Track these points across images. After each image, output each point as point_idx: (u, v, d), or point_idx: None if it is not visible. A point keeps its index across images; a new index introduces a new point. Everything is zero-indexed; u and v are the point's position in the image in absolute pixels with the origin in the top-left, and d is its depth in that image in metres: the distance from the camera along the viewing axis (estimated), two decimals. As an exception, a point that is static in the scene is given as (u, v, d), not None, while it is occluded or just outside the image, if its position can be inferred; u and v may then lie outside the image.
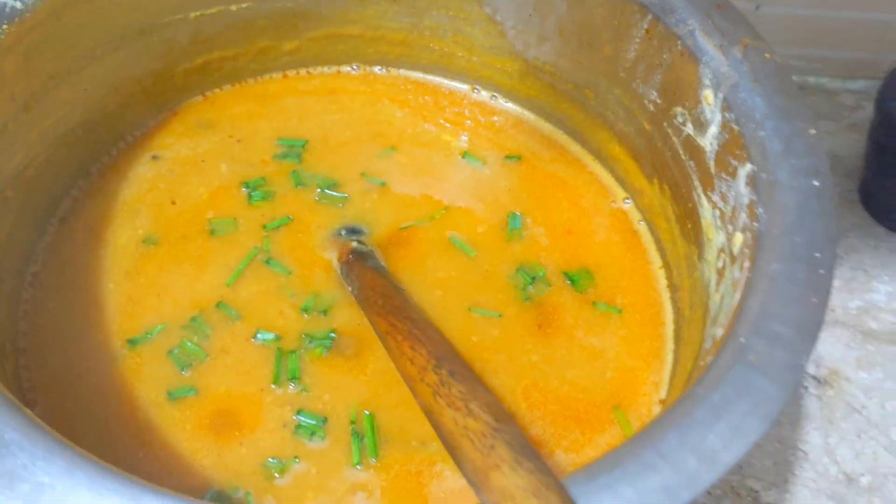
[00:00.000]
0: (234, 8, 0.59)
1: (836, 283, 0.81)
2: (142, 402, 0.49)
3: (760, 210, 0.43)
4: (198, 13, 0.57)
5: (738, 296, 0.41)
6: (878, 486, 0.70)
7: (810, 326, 0.38)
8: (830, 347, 0.78)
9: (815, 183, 0.43)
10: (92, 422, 0.47)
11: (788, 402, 0.35)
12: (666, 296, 0.56)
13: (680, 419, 0.35)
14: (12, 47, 0.47)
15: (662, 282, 0.56)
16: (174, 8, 0.56)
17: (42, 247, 0.54)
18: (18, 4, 0.47)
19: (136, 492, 0.32)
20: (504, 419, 0.33)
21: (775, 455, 0.71)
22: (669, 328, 0.54)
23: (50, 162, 0.53)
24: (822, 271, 0.40)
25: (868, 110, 0.81)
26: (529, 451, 0.31)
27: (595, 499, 0.32)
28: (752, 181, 0.45)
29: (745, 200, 0.45)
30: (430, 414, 0.37)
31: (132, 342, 0.51)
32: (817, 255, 0.41)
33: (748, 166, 0.45)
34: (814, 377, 0.76)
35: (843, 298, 0.81)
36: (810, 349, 0.38)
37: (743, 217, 0.45)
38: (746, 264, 0.42)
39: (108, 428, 0.47)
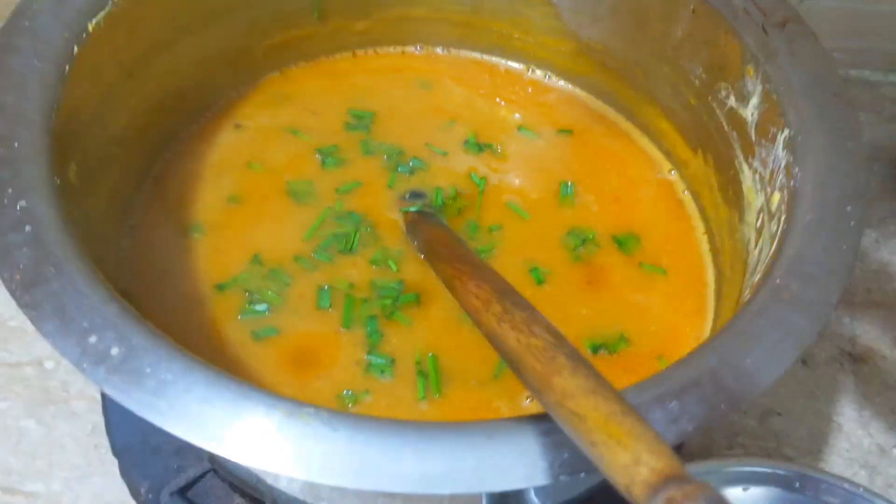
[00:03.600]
0: (311, -10, 0.64)
1: (874, 266, 0.84)
2: (229, 340, 0.54)
3: (796, 170, 0.47)
4: (280, -6, 0.63)
5: (774, 246, 0.45)
6: (910, 456, 0.73)
7: (840, 269, 0.42)
8: (868, 326, 0.81)
9: (848, 143, 0.47)
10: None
11: (817, 335, 0.39)
12: (708, 259, 0.60)
13: (720, 345, 0.40)
14: (121, 17, 0.53)
15: (705, 246, 0.60)
16: (259, -11, 0.62)
17: (139, 202, 0.59)
18: (128, -19, 0.53)
19: (245, 389, 0.37)
20: (562, 337, 0.38)
21: (810, 426, 0.74)
22: (711, 288, 0.58)
23: (147, 125, 0.59)
24: (852, 223, 0.44)
25: (911, 102, 0.84)
26: (586, 362, 0.36)
27: (644, 409, 0.37)
28: (790, 144, 0.49)
29: (783, 163, 0.49)
30: (494, 338, 0.41)
31: (220, 287, 0.56)
32: (848, 208, 0.45)
33: (786, 131, 0.49)
34: (850, 354, 0.80)
35: (882, 281, 0.84)
36: (840, 289, 0.42)
37: (780, 178, 0.49)
38: (783, 217, 0.46)
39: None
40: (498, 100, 0.68)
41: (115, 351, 0.37)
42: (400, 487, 0.35)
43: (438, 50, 0.70)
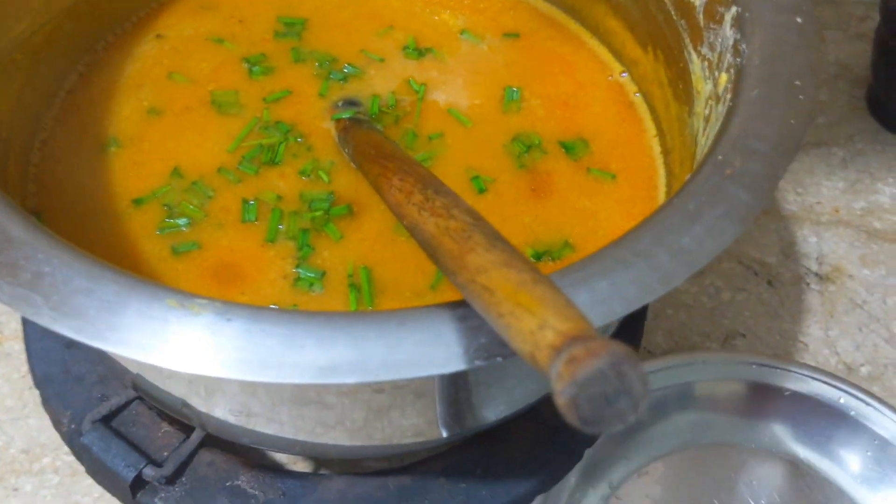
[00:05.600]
0: None
1: (840, 184, 0.82)
2: (147, 256, 0.50)
3: (744, 46, 0.44)
4: None
5: (719, 126, 0.42)
6: (878, 375, 0.71)
7: (788, 144, 0.39)
8: (834, 246, 0.79)
9: (798, 19, 0.44)
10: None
11: (761, 209, 0.36)
12: (660, 161, 0.56)
13: (655, 224, 0.37)
14: None
15: (657, 148, 0.57)
16: None
17: (50, 116, 0.55)
18: None
19: (131, 280, 0.34)
20: (480, 218, 0.35)
21: (776, 346, 0.72)
22: (661, 190, 0.55)
23: (57, 32, 0.55)
24: (801, 97, 0.41)
25: (876, 20, 0.81)
26: (502, 238, 0.33)
27: (569, 291, 0.34)
28: (737, 22, 0.45)
29: (731, 42, 0.46)
30: (414, 228, 0.38)
31: (137, 202, 0.52)
32: (797, 82, 0.41)
33: (733, 9, 0.46)
34: (816, 274, 0.77)
35: (848, 199, 0.81)
36: (787, 163, 0.38)
37: (728, 58, 0.46)
38: (729, 97, 0.43)
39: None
40: (439, 2, 0.64)
41: (26, 268, 0.33)
42: (302, 378, 0.31)
43: (375, -51, 0.66)
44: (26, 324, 0.57)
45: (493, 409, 0.45)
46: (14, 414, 0.63)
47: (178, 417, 0.52)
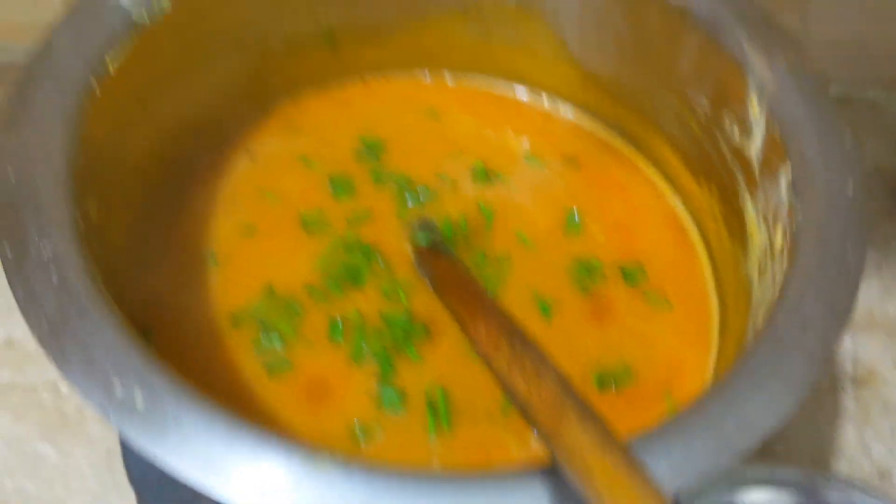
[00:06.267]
0: (323, 20, 0.65)
1: (875, 289, 0.85)
2: (244, 375, 0.55)
3: (798, 211, 0.48)
4: (293, 24, 0.64)
5: (776, 290, 0.47)
6: (912, 480, 0.74)
7: (840, 314, 0.43)
8: (868, 349, 0.82)
9: (850, 184, 0.48)
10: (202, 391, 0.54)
11: (817, 381, 0.41)
12: (712, 290, 0.61)
13: (721, 394, 0.41)
14: (138, 52, 0.54)
15: (709, 277, 0.61)
16: (273, 19, 0.63)
17: (154, 233, 0.60)
18: (145, 15, 0.54)
19: (266, 436, 0.38)
20: (569, 387, 0.39)
21: (811, 450, 0.75)
22: (715, 320, 0.59)
23: (163, 155, 0.60)
24: (852, 265, 0.45)
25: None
26: (594, 413, 0.37)
27: (649, 458, 0.38)
28: (792, 184, 0.50)
29: (785, 201, 0.50)
30: (503, 382, 0.42)
31: (234, 319, 0.57)
32: (849, 250, 0.46)
33: (789, 172, 0.51)
34: (851, 377, 0.80)
35: (883, 303, 0.85)
36: (840, 333, 0.43)
37: (783, 217, 0.50)
38: (784, 259, 0.47)
39: (216, 396, 0.54)
40: (505, 129, 0.69)
41: (139, 398, 0.38)
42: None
43: (447, 78, 0.72)
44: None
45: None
46: (97, 497, 0.67)
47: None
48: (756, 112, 0.55)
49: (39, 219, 0.44)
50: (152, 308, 0.57)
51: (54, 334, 0.40)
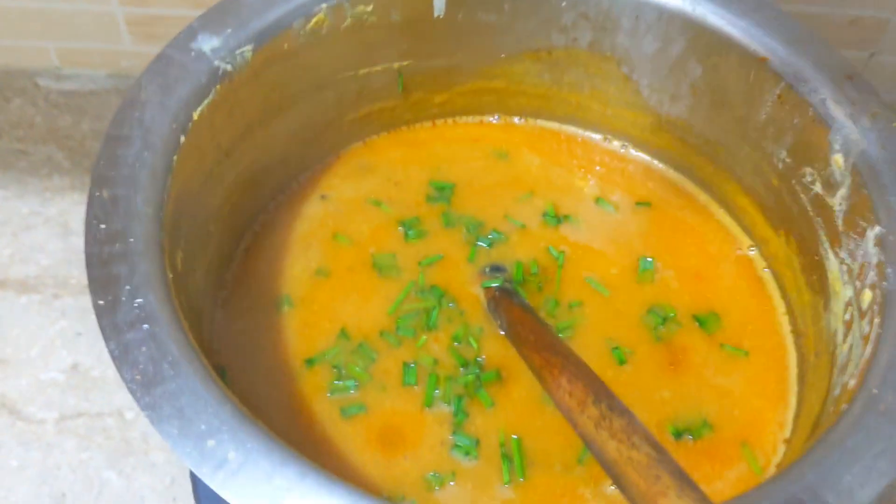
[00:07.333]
0: (396, 66, 0.66)
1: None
2: (318, 417, 0.55)
3: (889, 270, 0.47)
4: (366, 70, 0.65)
5: (868, 349, 0.46)
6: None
7: (937, 380, 0.42)
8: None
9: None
10: (277, 434, 0.54)
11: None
12: (790, 340, 0.60)
13: (818, 461, 0.40)
14: (221, 103, 0.55)
15: (787, 327, 0.60)
16: (347, 66, 0.63)
17: (231, 274, 0.61)
18: (229, 67, 0.55)
19: (356, 496, 0.38)
20: (664, 451, 0.39)
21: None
22: (793, 372, 0.58)
23: (240, 200, 0.61)
24: (947, 329, 0.44)
25: None
26: (690, 482, 0.36)
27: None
28: (881, 242, 0.49)
29: (874, 260, 0.49)
30: (591, 444, 0.42)
31: (309, 362, 0.58)
32: (944, 315, 0.45)
33: (877, 228, 0.50)
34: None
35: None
36: (938, 401, 0.42)
37: (872, 275, 0.49)
38: (876, 320, 0.46)
39: (290, 439, 0.54)
40: (575, 170, 0.69)
41: (231, 455, 0.39)
42: None
43: (516, 120, 0.72)
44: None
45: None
46: (161, 523, 0.68)
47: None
48: (840, 168, 0.54)
49: (132, 275, 0.45)
50: (228, 348, 0.58)
51: (146, 388, 0.41)
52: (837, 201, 0.54)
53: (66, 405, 0.72)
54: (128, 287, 0.44)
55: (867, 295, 0.49)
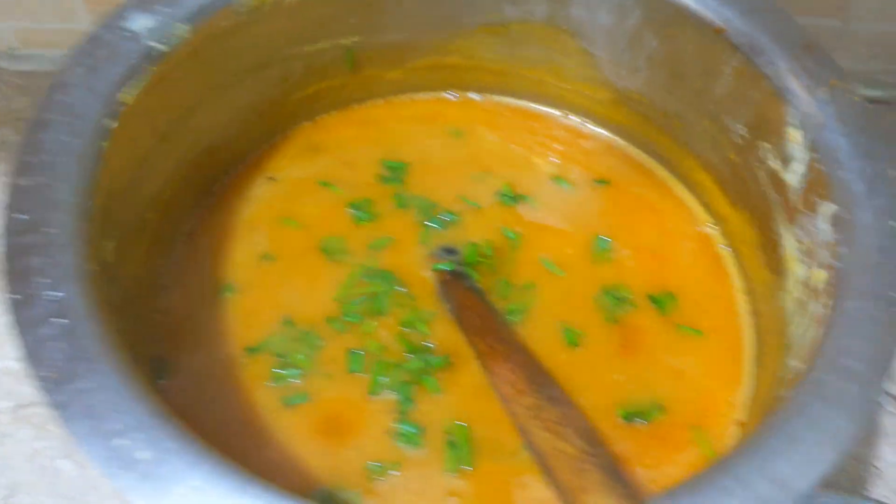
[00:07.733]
0: (344, 42, 0.63)
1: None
2: (260, 407, 0.54)
3: (842, 249, 0.46)
4: (313, 47, 0.62)
5: (817, 331, 0.44)
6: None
7: (883, 363, 0.41)
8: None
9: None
10: (215, 424, 0.53)
11: (858, 434, 0.38)
12: (747, 320, 0.58)
13: (756, 448, 0.39)
14: (156, 85, 0.53)
15: (744, 306, 0.59)
16: (292, 43, 0.61)
17: (172, 260, 0.59)
18: (163, 47, 0.53)
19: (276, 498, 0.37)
20: (597, 444, 0.37)
21: (850, 471, 0.72)
22: (749, 352, 0.57)
23: (180, 184, 0.59)
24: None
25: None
26: (618, 477, 0.35)
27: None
28: (835, 221, 0.47)
29: (828, 238, 0.47)
30: (524, 433, 0.41)
31: (251, 351, 0.56)
32: (893, 295, 0.43)
33: (831, 206, 0.48)
34: (892, 396, 0.77)
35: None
36: (881, 385, 0.40)
37: (825, 254, 0.47)
38: (827, 301, 0.45)
39: (230, 429, 0.53)
40: (534, 148, 0.67)
41: (143, 455, 0.37)
42: None
43: (473, 96, 0.70)
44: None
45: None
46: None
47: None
48: (797, 142, 0.52)
49: (50, 267, 0.43)
50: (167, 336, 0.56)
51: (57, 385, 0.39)
52: (793, 177, 0.52)
53: (21, 395, 0.70)
54: (44, 280, 0.42)
55: (820, 275, 0.47)
